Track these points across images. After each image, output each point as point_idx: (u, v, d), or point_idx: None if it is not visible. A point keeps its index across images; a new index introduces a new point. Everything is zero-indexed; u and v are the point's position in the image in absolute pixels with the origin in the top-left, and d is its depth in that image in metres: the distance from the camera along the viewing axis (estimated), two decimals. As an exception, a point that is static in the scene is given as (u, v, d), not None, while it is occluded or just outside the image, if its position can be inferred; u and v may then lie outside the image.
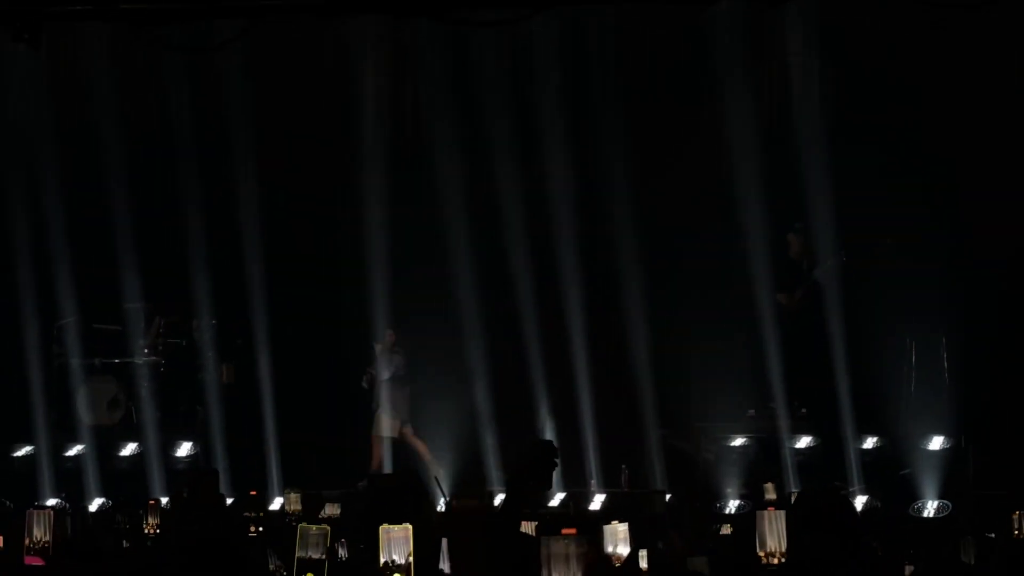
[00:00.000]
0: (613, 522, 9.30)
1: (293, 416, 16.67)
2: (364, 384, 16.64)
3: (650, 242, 16.53)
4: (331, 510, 12.09)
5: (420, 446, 16.50)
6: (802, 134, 16.17)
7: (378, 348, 16.60)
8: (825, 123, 16.39)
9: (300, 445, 16.45)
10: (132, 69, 17.30)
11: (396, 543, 7.13)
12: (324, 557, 7.02)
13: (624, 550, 9.22)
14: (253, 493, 11.22)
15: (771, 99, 16.88)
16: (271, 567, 8.39)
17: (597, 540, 5.13)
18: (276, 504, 14.63)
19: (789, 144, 16.14)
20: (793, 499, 11.13)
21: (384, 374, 16.52)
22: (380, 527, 7.23)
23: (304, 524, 7.13)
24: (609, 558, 9.09)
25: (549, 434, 15.88)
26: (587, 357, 16.29)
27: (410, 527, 7.16)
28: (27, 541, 8.75)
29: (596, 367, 16.35)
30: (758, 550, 7.73)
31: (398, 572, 7.18)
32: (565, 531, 5.05)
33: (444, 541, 7.74)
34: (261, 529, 10.75)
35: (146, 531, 10.90)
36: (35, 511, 8.97)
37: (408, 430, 16.53)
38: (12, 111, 17.06)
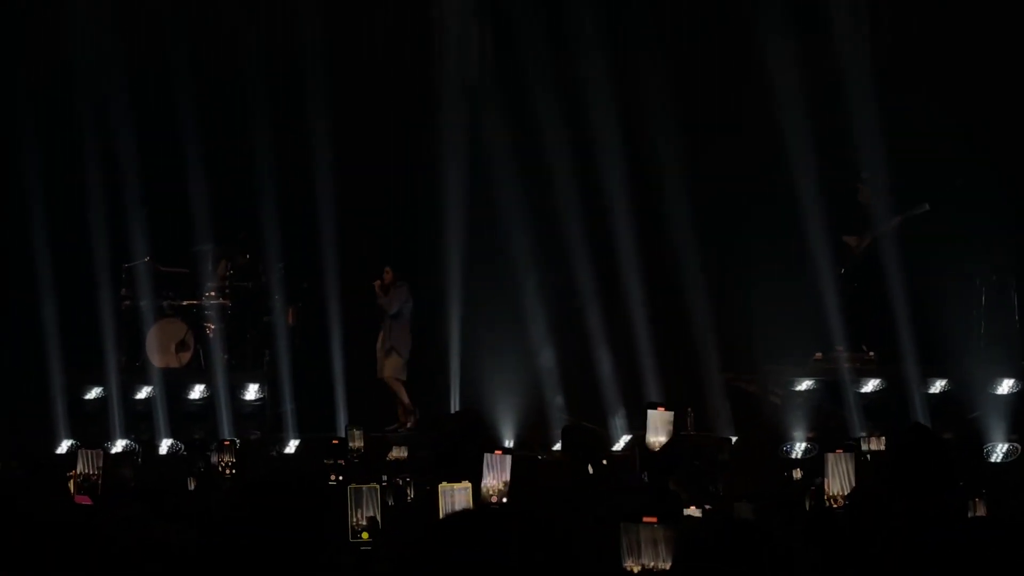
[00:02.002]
0: (659, 407, 9.19)
1: (360, 358, 16.74)
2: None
3: (712, 184, 16.46)
4: (397, 452, 12.14)
5: (405, 397, 16.61)
6: (867, 76, 16.01)
7: (378, 285, 16.58)
8: (890, 64, 16.24)
9: (367, 387, 16.57)
10: (205, 7, 17.32)
11: (457, 502, 6.98)
12: (377, 515, 6.93)
13: (664, 438, 9.13)
14: (335, 442, 11.22)
15: (838, 39, 16.71)
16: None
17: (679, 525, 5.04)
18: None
19: (854, 87, 15.98)
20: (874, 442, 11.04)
21: (393, 308, 16.50)
22: (440, 485, 7.08)
23: (353, 485, 7.06)
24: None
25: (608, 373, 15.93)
26: (646, 300, 16.27)
27: (470, 485, 7.02)
28: (73, 480, 8.76)
29: (658, 309, 16.32)
30: (826, 493, 7.69)
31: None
32: (647, 519, 4.96)
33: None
34: (341, 478, 10.76)
35: (220, 469, 10.94)
36: (83, 449, 8.97)
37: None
38: (84, 51, 17.11)
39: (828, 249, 15.72)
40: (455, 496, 7.02)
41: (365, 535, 6.88)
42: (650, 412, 9.26)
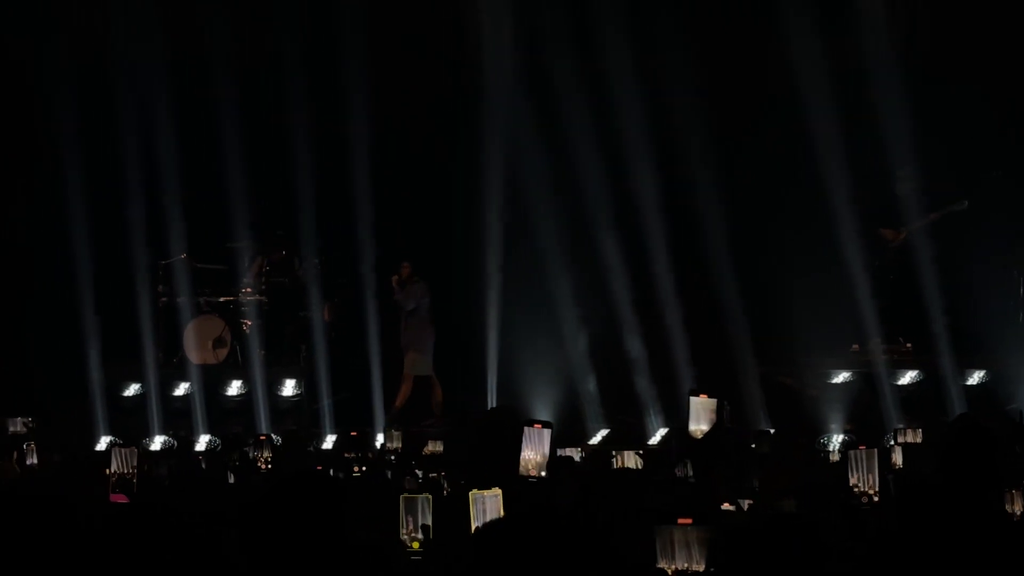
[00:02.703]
0: (702, 395, 8.79)
1: (397, 354, 16.77)
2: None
3: (747, 177, 16.41)
4: (433, 447, 12.15)
5: (437, 392, 16.58)
6: (901, 68, 15.94)
7: (395, 280, 16.59)
8: (924, 56, 16.16)
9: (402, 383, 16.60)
10: (243, 2, 17.38)
11: (488, 510, 6.86)
12: (429, 523, 6.83)
13: (706, 426, 8.86)
14: (354, 434, 11.21)
15: (871, 31, 16.63)
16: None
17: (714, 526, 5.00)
18: (379, 441, 14.73)
19: (888, 79, 15.90)
20: (911, 434, 11.01)
21: (409, 305, 16.51)
22: (470, 493, 6.97)
23: (406, 494, 6.97)
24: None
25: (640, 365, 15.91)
26: (682, 294, 16.25)
27: (500, 492, 6.92)
28: (109, 479, 8.70)
29: (695, 304, 16.29)
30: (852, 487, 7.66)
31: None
32: (682, 520, 4.93)
33: None
34: (364, 469, 10.77)
35: (259, 465, 10.99)
36: (117, 448, 8.90)
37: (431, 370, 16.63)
38: (125, 46, 17.16)
39: (864, 241, 15.66)
40: (486, 503, 6.89)
41: (416, 544, 6.78)
42: (692, 400, 8.89)
